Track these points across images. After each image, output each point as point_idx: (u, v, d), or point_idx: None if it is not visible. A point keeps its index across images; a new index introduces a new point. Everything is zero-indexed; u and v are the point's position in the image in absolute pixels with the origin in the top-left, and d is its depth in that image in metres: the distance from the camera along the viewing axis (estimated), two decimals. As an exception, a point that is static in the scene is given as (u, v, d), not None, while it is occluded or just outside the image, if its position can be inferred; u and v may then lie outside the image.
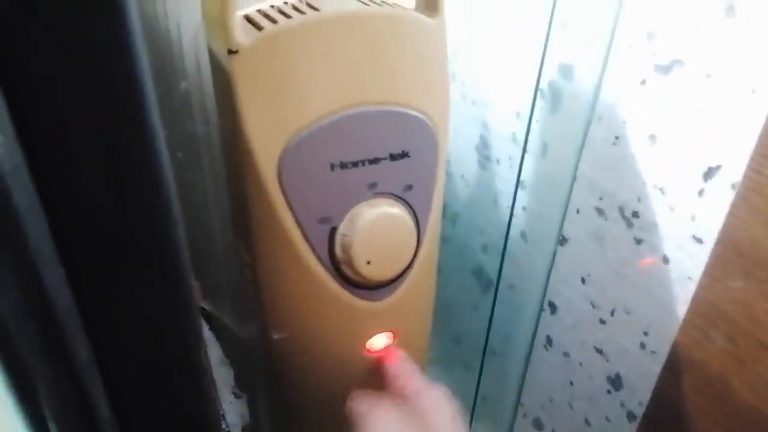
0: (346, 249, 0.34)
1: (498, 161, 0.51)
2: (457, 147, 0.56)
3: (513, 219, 0.51)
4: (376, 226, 0.35)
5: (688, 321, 0.35)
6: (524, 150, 0.47)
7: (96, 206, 0.19)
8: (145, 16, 0.54)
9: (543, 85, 0.43)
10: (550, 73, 0.42)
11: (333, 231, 0.35)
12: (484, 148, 0.53)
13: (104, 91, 0.18)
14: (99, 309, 0.20)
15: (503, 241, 0.53)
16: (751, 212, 0.30)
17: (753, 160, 0.30)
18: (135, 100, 0.18)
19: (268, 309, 0.39)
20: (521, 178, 0.49)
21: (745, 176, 0.30)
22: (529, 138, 0.46)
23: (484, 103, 0.51)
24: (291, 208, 0.34)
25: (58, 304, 0.19)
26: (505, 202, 0.52)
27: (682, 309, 0.37)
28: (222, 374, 0.73)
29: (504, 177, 0.51)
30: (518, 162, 0.48)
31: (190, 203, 0.59)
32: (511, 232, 0.52)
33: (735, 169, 0.32)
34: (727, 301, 0.32)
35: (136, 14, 0.17)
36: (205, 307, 0.83)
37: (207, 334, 0.82)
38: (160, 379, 0.23)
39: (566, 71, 0.41)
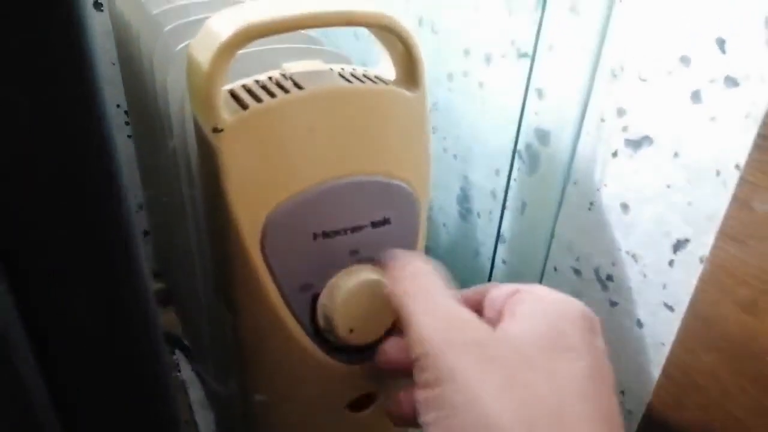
0: (327, 318, 0.35)
1: (479, 215, 0.52)
2: (440, 197, 0.57)
3: (493, 270, 0.52)
4: (357, 295, 0.36)
5: (661, 386, 0.36)
6: (503, 207, 0.48)
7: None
8: (134, 77, 0.55)
9: (521, 146, 0.45)
10: (527, 137, 0.44)
11: (315, 297, 0.36)
12: (464, 201, 0.54)
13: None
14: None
15: (484, 292, 0.54)
16: (718, 289, 0.31)
17: (719, 239, 0.31)
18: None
19: (249, 370, 0.40)
20: (501, 232, 0.50)
21: (712, 254, 0.31)
22: (508, 196, 0.47)
23: (464, 158, 0.52)
24: (273, 276, 0.35)
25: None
26: (485, 254, 0.53)
27: (656, 372, 0.38)
28: (203, 417, 0.73)
29: (484, 230, 0.52)
30: (498, 217, 0.50)
31: (176, 260, 0.59)
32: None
33: (703, 243, 0.33)
34: (698, 371, 0.33)
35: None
36: (187, 345, 0.82)
37: (189, 374, 0.81)
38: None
39: (543, 136, 0.42)
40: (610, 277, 0.40)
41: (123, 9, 0.63)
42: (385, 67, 0.39)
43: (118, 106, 0.81)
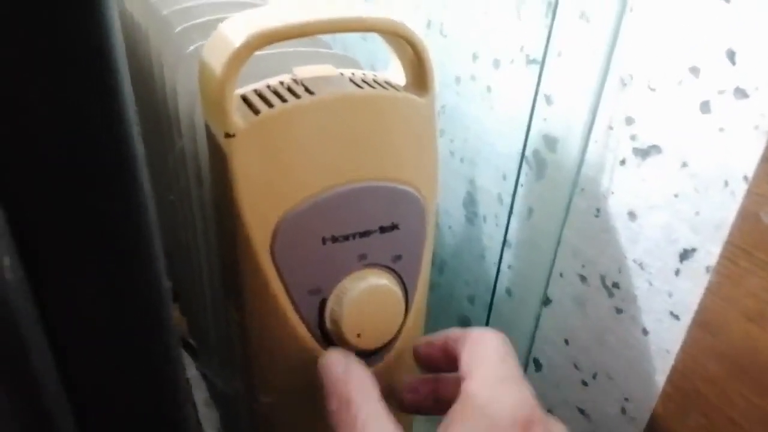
0: (335, 323, 0.35)
1: (485, 219, 0.52)
2: (445, 200, 0.58)
3: (499, 275, 0.52)
4: (365, 300, 0.36)
5: (666, 394, 0.37)
6: (510, 212, 0.48)
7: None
8: (142, 76, 0.55)
9: (528, 152, 0.45)
10: (535, 142, 0.44)
11: (323, 302, 0.36)
12: (471, 205, 0.54)
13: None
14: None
15: (489, 296, 0.54)
16: (724, 300, 0.31)
17: (726, 249, 0.31)
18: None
19: (256, 372, 0.40)
20: (507, 237, 0.50)
21: (719, 264, 0.32)
22: (515, 200, 0.48)
23: (471, 161, 0.52)
24: (282, 280, 0.35)
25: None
26: (491, 258, 0.53)
27: (660, 380, 0.38)
28: (208, 416, 0.73)
29: (490, 234, 0.52)
30: (504, 221, 0.50)
31: (182, 258, 0.59)
32: (497, 287, 0.53)
33: (710, 253, 0.33)
34: (702, 379, 0.34)
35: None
36: (192, 343, 0.83)
37: (193, 373, 0.82)
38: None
39: (551, 142, 0.42)
40: (616, 285, 0.40)
41: (132, 9, 0.63)
42: (395, 71, 0.39)
43: (125, 104, 0.82)
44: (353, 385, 0.30)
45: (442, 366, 0.34)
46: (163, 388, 0.25)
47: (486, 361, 0.28)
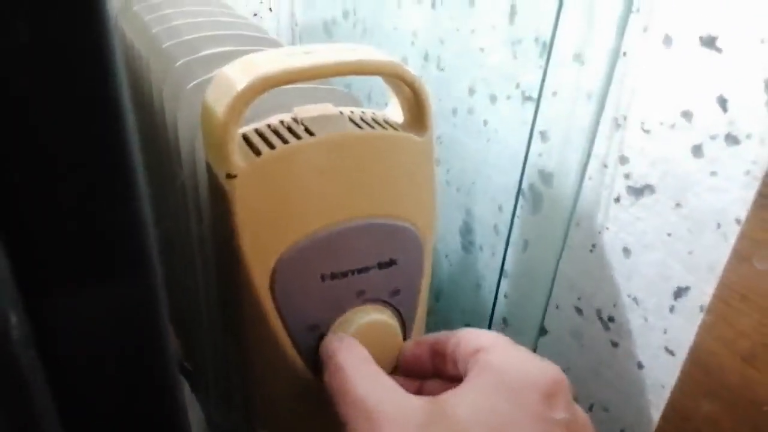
0: (334, 360, 0.35)
1: (481, 248, 0.53)
2: (442, 228, 0.58)
3: (496, 305, 0.53)
4: (363, 335, 0.36)
5: (660, 429, 0.37)
6: (507, 243, 0.49)
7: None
8: (141, 105, 0.55)
9: (524, 186, 0.45)
10: (531, 177, 0.45)
11: (322, 337, 0.37)
12: (467, 234, 0.55)
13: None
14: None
15: (486, 325, 0.54)
16: (718, 339, 0.32)
17: (720, 290, 0.32)
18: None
19: (254, 405, 0.40)
20: (504, 267, 0.50)
21: (713, 304, 0.32)
22: (511, 232, 0.48)
23: (467, 191, 0.53)
24: (281, 316, 0.36)
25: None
26: (488, 287, 0.54)
27: (656, 414, 0.38)
28: (203, 440, 0.73)
29: (486, 264, 0.53)
30: (500, 251, 0.50)
31: (178, 284, 0.59)
32: (494, 317, 0.53)
33: (703, 292, 0.34)
34: (697, 417, 0.34)
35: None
36: (187, 366, 0.83)
37: (188, 395, 0.82)
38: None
39: (546, 177, 0.43)
40: (611, 318, 0.40)
41: (132, 36, 0.64)
42: (394, 109, 0.39)
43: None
44: (343, 353, 0.31)
45: (427, 368, 0.34)
46: (161, 402, 0.25)
47: (497, 340, 0.27)
